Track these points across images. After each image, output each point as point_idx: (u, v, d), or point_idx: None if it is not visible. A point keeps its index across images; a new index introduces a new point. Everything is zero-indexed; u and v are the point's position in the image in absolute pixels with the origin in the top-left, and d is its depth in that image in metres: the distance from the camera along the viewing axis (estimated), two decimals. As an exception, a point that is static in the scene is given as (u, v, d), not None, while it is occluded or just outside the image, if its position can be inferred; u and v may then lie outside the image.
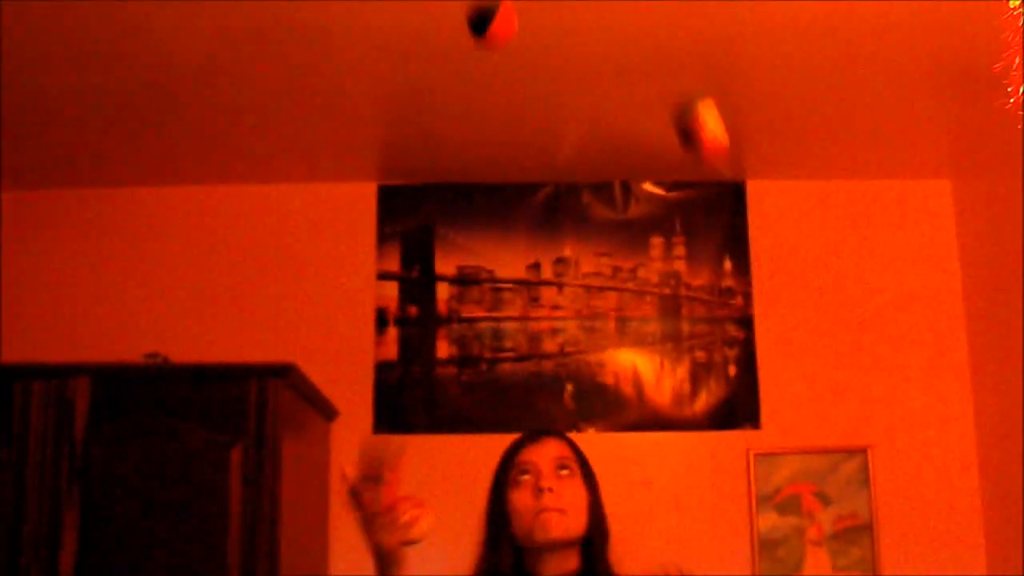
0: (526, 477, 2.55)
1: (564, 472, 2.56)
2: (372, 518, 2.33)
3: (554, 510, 2.49)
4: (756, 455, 4.18)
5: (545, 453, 2.58)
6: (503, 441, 2.73)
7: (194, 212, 4.38)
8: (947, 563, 4.13)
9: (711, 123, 2.28)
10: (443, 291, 4.30)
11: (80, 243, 4.35)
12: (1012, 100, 2.08)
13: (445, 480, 4.11)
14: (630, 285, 4.33)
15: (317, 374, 3.76)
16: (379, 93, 3.72)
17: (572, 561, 2.55)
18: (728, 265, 4.35)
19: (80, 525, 3.26)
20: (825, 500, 4.16)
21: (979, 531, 4.16)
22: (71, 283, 4.30)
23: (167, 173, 4.29)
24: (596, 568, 2.56)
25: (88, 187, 4.36)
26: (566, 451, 2.61)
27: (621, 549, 2.65)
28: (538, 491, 2.50)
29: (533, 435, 2.66)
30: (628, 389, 4.25)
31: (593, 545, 2.58)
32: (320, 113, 3.81)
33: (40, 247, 4.34)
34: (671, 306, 4.32)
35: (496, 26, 2.00)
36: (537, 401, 4.22)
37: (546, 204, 4.38)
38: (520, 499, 2.53)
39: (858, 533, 4.14)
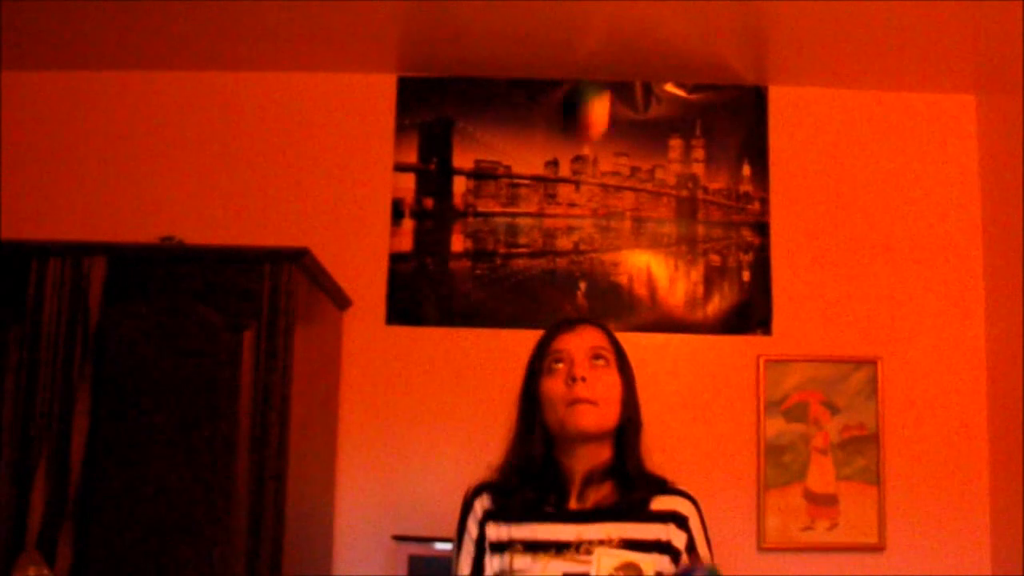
0: (560, 365, 2.51)
1: (599, 362, 2.51)
2: None
3: (586, 400, 2.46)
4: (766, 361, 4.19)
5: (581, 341, 2.53)
6: (515, 335, 2.73)
7: (214, 98, 4.36)
8: (950, 476, 4.17)
9: None
10: (460, 185, 4.29)
11: (101, 126, 4.34)
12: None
13: (457, 372, 4.15)
14: (647, 186, 4.31)
15: (331, 263, 3.77)
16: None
17: (605, 453, 2.52)
18: (746, 170, 4.32)
19: (91, 403, 3.27)
20: (833, 409, 4.17)
21: (984, 447, 4.18)
22: (90, 166, 4.30)
23: (189, 58, 4.26)
24: (627, 461, 2.54)
25: (109, 70, 4.34)
26: (603, 340, 2.57)
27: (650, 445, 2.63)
28: (571, 380, 2.47)
29: (570, 322, 2.62)
30: (641, 290, 4.25)
31: (626, 437, 2.56)
32: (341, 2, 3.77)
33: (62, 130, 4.33)
34: (687, 209, 4.30)
35: None
36: (550, 298, 4.22)
37: (566, 102, 4.35)
38: (553, 387, 2.49)
39: (864, 443, 4.16)
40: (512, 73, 4.31)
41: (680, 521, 2.51)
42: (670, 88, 4.36)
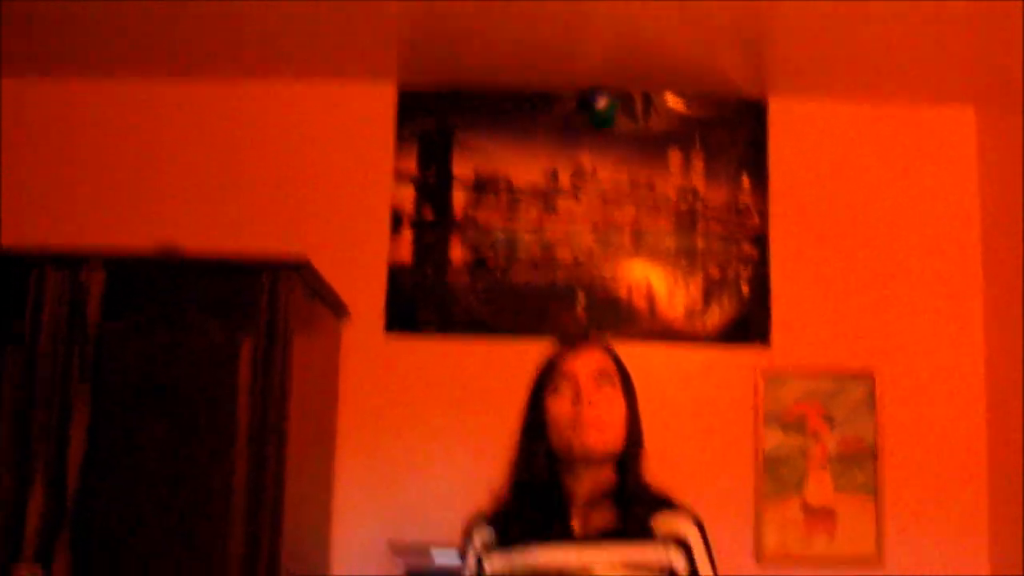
0: (566, 387, 2.52)
1: (605, 385, 2.53)
2: None
3: (593, 423, 2.47)
4: (765, 373, 4.19)
5: (587, 363, 2.53)
6: (514, 346, 2.74)
7: (214, 107, 4.36)
8: (949, 491, 4.16)
9: None
10: (459, 196, 4.28)
11: (100, 134, 4.34)
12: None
13: (455, 383, 4.15)
14: (647, 198, 4.31)
15: (330, 273, 3.77)
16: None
17: (606, 474, 2.53)
18: (746, 182, 4.32)
19: (90, 413, 3.27)
20: (831, 422, 4.17)
21: (982, 461, 4.18)
22: (89, 175, 4.30)
23: (188, 67, 4.26)
24: (630, 482, 2.54)
25: (110, 79, 4.34)
26: (608, 363, 2.56)
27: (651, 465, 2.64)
28: (578, 402, 2.47)
29: (574, 340, 2.61)
30: (640, 302, 4.25)
31: (628, 460, 2.56)
32: (341, 11, 3.77)
33: (63, 139, 4.33)
34: (687, 221, 4.30)
35: None
36: (549, 309, 4.22)
37: (566, 113, 4.35)
38: (559, 409, 2.48)
39: (862, 456, 4.16)
40: (513, 84, 4.31)
41: (682, 545, 2.50)
42: (670, 100, 4.36)
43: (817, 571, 4.10)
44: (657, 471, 2.55)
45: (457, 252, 4.25)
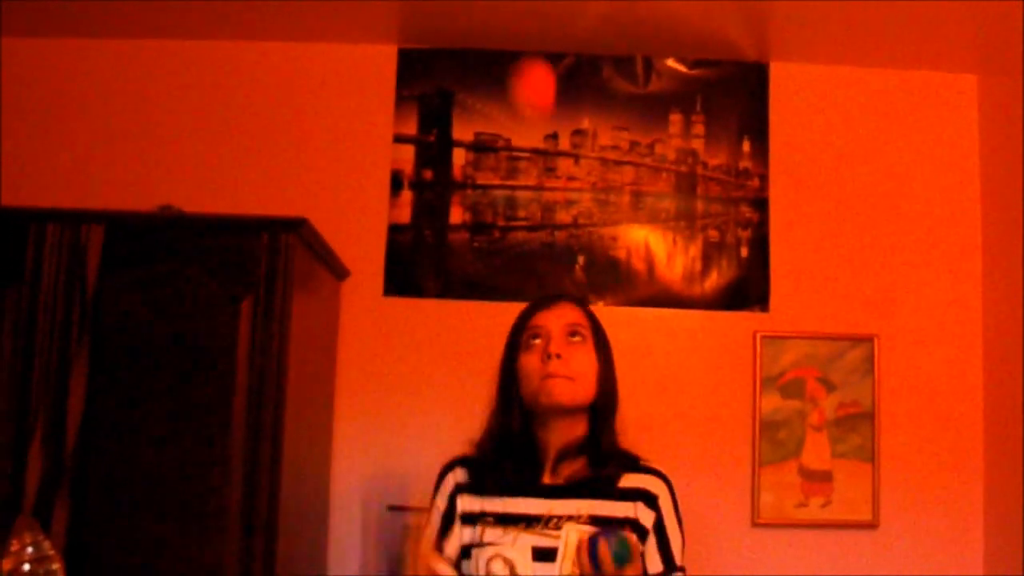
0: (537, 341, 2.56)
1: (576, 339, 2.56)
2: None
3: (561, 376, 2.50)
4: (763, 337, 4.19)
5: (558, 318, 2.58)
6: (512, 308, 2.74)
7: (213, 68, 4.34)
8: (945, 455, 4.18)
9: None
10: (459, 157, 4.28)
11: (99, 94, 4.32)
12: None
13: (454, 344, 4.16)
14: (647, 160, 4.30)
15: (330, 233, 3.76)
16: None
17: (579, 428, 2.56)
18: (746, 146, 4.32)
19: (88, 370, 3.27)
20: (829, 386, 4.18)
21: (979, 426, 4.20)
22: (88, 135, 4.28)
23: (188, 28, 4.24)
24: (601, 437, 2.58)
25: (109, 38, 4.33)
26: (580, 317, 2.61)
27: (626, 422, 2.67)
28: (547, 356, 2.51)
29: (548, 299, 2.65)
30: (639, 264, 4.25)
31: (601, 414, 2.59)
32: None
33: (61, 98, 4.32)
34: (687, 184, 4.30)
35: None
36: (548, 271, 4.22)
37: (566, 75, 4.34)
38: (529, 362, 2.54)
39: (859, 421, 4.17)
40: (512, 46, 4.29)
41: (649, 500, 2.54)
42: (671, 63, 4.35)
43: (814, 534, 4.12)
44: (655, 434, 2.58)
45: (457, 213, 4.25)
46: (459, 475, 2.61)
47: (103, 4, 4.06)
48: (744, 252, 4.26)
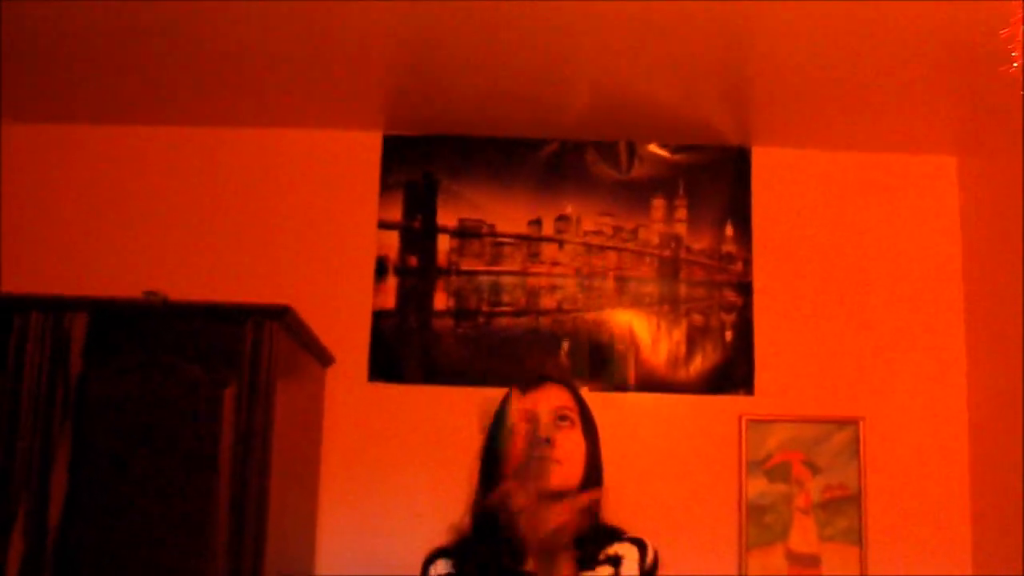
0: (525, 425, 2.54)
1: (564, 423, 2.54)
2: None
3: (550, 460, 2.48)
4: (748, 421, 4.19)
5: (546, 401, 2.56)
6: (497, 395, 2.72)
7: (199, 154, 4.36)
8: (933, 538, 4.16)
9: None
10: (444, 243, 4.30)
11: (85, 180, 4.35)
12: (1015, 65, 2.05)
13: (439, 430, 4.14)
14: (630, 245, 4.32)
15: (315, 320, 3.76)
16: (387, 41, 3.68)
17: (565, 511, 2.54)
18: (729, 230, 4.34)
19: (71, 458, 3.25)
20: (815, 469, 4.17)
21: (966, 508, 4.18)
22: (74, 219, 4.30)
23: (174, 113, 4.27)
24: (586, 522, 2.55)
25: (95, 124, 4.36)
26: (568, 400, 2.59)
27: (610, 506, 2.65)
28: (536, 440, 2.49)
29: (536, 381, 2.64)
30: (624, 349, 4.25)
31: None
32: (327, 59, 3.79)
33: (46, 182, 4.34)
34: (670, 268, 4.32)
35: None
36: (533, 357, 4.22)
37: (550, 161, 4.37)
38: (517, 446, 2.52)
39: (846, 503, 4.15)
40: (496, 132, 4.33)
41: (615, 563, 2.51)
42: (653, 148, 4.39)
43: (802, 619, 4.09)
44: (641, 519, 2.55)
45: (441, 299, 4.26)
46: (440, 567, 2.58)
47: (84, 90, 4.10)
48: (728, 336, 4.27)
